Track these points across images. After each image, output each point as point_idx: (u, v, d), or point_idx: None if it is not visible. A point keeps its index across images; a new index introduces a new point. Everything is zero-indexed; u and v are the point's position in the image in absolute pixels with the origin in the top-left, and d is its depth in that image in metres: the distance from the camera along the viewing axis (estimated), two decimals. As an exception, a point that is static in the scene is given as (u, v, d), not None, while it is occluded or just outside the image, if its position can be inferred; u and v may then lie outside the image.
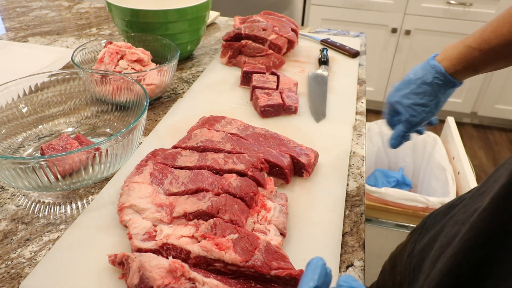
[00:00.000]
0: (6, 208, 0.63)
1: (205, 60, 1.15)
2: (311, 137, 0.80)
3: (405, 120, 0.67)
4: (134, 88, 0.74)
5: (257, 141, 0.71)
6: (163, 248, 0.50)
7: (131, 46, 0.90)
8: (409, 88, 0.66)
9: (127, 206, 0.56)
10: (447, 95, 0.66)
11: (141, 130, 0.68)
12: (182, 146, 0.69)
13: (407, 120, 0.67)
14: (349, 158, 0.76)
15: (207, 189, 0.58)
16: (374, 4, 2.38)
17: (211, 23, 1.43)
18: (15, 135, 0.73)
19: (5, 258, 0.55)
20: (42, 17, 1.44)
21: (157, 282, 0.45)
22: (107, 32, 1.33)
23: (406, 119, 0.67)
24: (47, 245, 0.57)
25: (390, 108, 0.70)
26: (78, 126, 0.80)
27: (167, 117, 0.86)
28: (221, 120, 0.76)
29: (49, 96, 0.78)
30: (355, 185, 0.71)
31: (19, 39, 1.25)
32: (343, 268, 0.55)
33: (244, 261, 0.47)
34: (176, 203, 0.57)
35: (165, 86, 0.90)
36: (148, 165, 0.63)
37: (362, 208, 0.66)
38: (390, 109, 0.70)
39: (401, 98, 0.66)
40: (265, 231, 0.55)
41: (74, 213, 0.63)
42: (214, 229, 0.50)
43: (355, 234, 0.61)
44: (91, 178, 0.63)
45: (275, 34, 1.08)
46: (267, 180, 0.63)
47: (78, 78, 0.79)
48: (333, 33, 1.36)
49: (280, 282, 0.47)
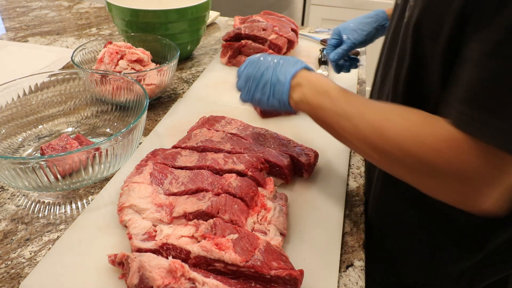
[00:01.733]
0: (6, 208, 0.63)
1: (205, 60, 1.15)
2: (311, 137, 0.80)
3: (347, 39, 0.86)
4: (134, 88, 0.74)
5: (257, 141, 0.71)
6: (163, 248, 0.50)
7: (131, 46, 0.90)
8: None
9: (127, 206, 0.56)
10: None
11: (141, 130, 0.68)
12: (182, 146, 0.69)
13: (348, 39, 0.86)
14: (349, 158, 0.76)
15: (207, 189, 0.58)
16: (374, 4, 2.38)
17: (211, 23, 1.43)
18: (15, 135, 0.73)
19: (5, 258, 0.55)
20: (42, 17, 1.44)
21: (157, 282, 0.45)
22: (107, 32, 1.33)
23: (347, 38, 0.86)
24: (47, 245, 0.57)
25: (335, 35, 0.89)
26: (78, 126, 0.80)
27: (167, 117, 0.86)
28: (221, 120, 0.76)
29: (49, 96, 0.78)
30: (355, 185, 0.71)
31: (19, 39, 1.25)
32: (343, 268, 0.55)
33: (244, 261, 0.47)
34: (176, 203, 0.57)
35: (165, 86, 0.90)
36: (148, 165, 0.63)
37: (362, 208, 0.66)
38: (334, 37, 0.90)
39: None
40: (265, 231, 0.55)
41: (74, 213, 0.63)
42: (214, 229, 0.50)
43: (355, 234, 0.61)
44: (91, 178, 0.63)
45: (275, 34, 1.08)
46: (267, 180, 0.63)
47: (78, 78, 0.79)
48: (333, 33, 1.36)
49: (280, 282, 0.47)
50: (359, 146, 0.49)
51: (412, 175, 0.46)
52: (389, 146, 0.45)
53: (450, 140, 0.40)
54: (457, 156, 0.40)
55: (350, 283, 0.53)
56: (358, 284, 0.53)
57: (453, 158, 0.40)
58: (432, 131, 0.42)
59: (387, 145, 0.45)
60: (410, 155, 0.43)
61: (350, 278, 0.54)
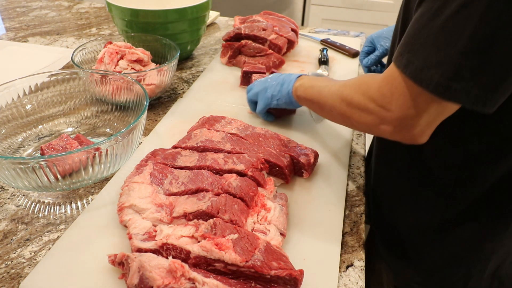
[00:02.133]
0: (6, 208, 0.63)
1: (205, 60, 1.15)
2: (311, 137, 0.80)
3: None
4: (134, 88, 0.74)
5: (257, 141, 0.71)
6: (163, 248, 0.50)
7: (131, 46, 0.90)
8: None
9: (127, 206, 0.56)
10: None
11: (141, 130, 0.68)
12: (182, 146, 0.69)
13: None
14: (349, 158, 0.76)
15: (207, 189, 0.58)
16: (374, 4, 2.38)
17: (211, 23, 1.43)
18: (15, 135, 0.73)
19: (5, 258, 0.55)
20: (42, 17, 1.44)
21: (157, 282, 0.45)
22: (107, 32, 1.33)
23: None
24: (47, 245, 0.57)
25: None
26: (78, 126, 0.80)
27: (167, 117, 0.86)
28: (221, 120, 0.76)
29: (49, 96, 0.78)
30: (355, 185, 0.71)
31: (19, 39, 1.25)
32: (343, 268, 0.55)
33: (244, 261, 0.47)
34: (176, 203, 0.57)
35: (165, 86, 0.90)
36: (148, 165, 0.63)
37: (362, 208, 0.66)
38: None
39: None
40: (265, 231, 0.55)
41: (74, 213, 0.63)
42: (214, 229, 0.50)
43: (355, 234, 0.61)
44: (91, 178, 0.63)
45: (275, 34, 1.08)
46: (267, 180, 0.63)
47: (78, 78, 0.79)
48: (333, 33, 1.36)
49: (280, 282, 0.47)
50: (331, 103, 0.63)
51: (363, 117, 0.56)
52: (349, 96, 0.58)
53: (390, 76, 0.51)
54: (392, 89, 0.51)
55: (350, 283, 0.53)
56: (358, 284, 0.53)
57: (388, 91, 0.52)
58: (379, 76, 0.54)
59: (354, 96, 0.58)
60: (364, 96, 0.55)
61: (350, 278, 0.54)
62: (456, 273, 0.68)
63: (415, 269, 0.72)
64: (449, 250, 0.67)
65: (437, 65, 0.45)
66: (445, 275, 0.70)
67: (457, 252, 0.67)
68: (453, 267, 0.68)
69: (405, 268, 0.74)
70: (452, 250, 0.67)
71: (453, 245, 0.66)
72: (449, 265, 0.68)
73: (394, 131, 0.53)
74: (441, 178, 0.63)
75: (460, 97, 0.45)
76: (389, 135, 0.55)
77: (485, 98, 0.45)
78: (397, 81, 0.50)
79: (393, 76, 0.51)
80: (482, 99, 0.45)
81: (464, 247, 0.66)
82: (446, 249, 0.67)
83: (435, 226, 0.66)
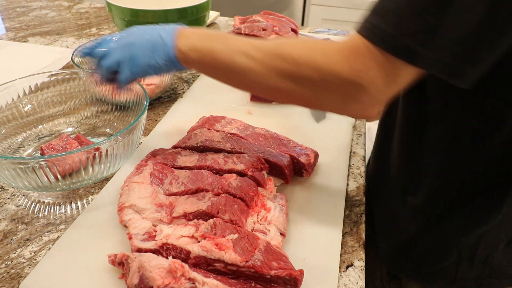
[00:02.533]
0: (6, 208, 0.63)
1: (205, 60, 1.15)
2: (311, 137, 0.80)
3: None
4: (134, 88, 0.74)
5: (257, 141, 0.71)
6: (163, 248, 0.50)
7: (131, 46, 0.90)
8: None
9: (127, 206, 0.56)
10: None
11: (141, 130, 0.68)
12: (182, 146, 0.69)
13: None
14: (349, 158, 0.76)
15: (207, 189, 0.58)
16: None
17: (211, 23, 1.43)
18: (15, 135, 0.73)
19: (5, 258, 0.55)
20: (42, 17, 1.44)
21: (157, 282, 0.45)
22: (107, 32, 1.33)
23: None
24: (47, 245, 0.57)
25: None
26: (78, 126, 0.80)
27: (167, 117, 0.86)
28: (221, 120, 0.76)
29: (49, 96, 0.78)
30: (355, 185, 0.71)
31: (19, 39, 1.25)
32: (343, 268, 0.55)
33: (244, 261, 0.47)
34: (176, 203, 0.57)
35: (165, 86, 0.90)
36: (148, 165, 0.63)
37: (362, 208, 0.66)
38: None
39: None
40: (265, 231, 0.55)
41: (74, 213, 0.63)
42: (214, 229, 0.50)
43: (355, 234, 0.61)
44: (91, 178, 0.63)
45: (275, 34, 1.08)
46: (267, 180, 0.63)
47: (78, 78, 0.79)
48: (333, 33, 1.36)
49: (280, 282, 0.47)
50: (260, 79, 0.50)
51: (317, 93, 0.48)
52: (295, 65, 0.48)
53: (353, 46, 0.46)
54: (357, 59, 0.45)
55: (350, 283, 0.53)
56: (358, 284, 0.53)
57: (354, 62, 0.45)
58: (338, 44, 0.48)
59: (292, 65, 0.48)
60: (317, 69, 0.46)
61: (350, 278, 0.54)
62: (448, 259, 0.68)
63: (408, 257, 0.72)
64: (440, 236, 0.67)
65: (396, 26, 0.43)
66: (437, 262, 0.70)
67: (447, 238, 0.67)
68: (445, 254, 0.69)
69: (398, 256, 0.74)
70: (443, 236, 0.67)
71: (444, 231, 0.66)
72: (440, 252, 0.69)
73: (359, 111, 0.48)
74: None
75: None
76: (353, 113, 0.50)
77: (455, 66, 0.42)
78: (365, 50, 0.46)
79: (359, 45, 0.46)
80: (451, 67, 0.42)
81: (455, 233, 0.66)
82: (437, 235, 0.67)
83: (428, 213, 0.66)
